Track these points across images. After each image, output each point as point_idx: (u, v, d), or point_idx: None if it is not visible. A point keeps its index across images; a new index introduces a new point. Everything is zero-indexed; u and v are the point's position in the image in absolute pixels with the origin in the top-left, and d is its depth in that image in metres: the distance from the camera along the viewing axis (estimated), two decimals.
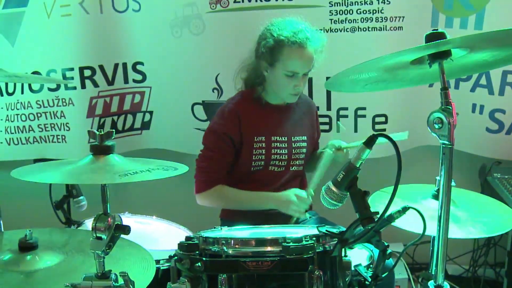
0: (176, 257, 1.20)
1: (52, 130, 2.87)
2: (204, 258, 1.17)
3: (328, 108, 2.65)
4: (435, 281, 1.27)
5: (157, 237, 1.93)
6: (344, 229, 1.28)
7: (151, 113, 2.92)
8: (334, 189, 1.27)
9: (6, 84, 2.90)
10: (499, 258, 2.76)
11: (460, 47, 1.24)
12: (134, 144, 2.92)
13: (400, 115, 2.67)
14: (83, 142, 2.76)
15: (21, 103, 2.86)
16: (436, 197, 1.60)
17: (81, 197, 1.89)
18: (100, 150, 1.13)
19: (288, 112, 2.11)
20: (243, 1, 2.54)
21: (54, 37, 2.73)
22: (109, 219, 1.02)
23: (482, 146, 2.68)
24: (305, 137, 2.13)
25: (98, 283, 1.04)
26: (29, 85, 2.83)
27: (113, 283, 1.05)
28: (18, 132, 2.92)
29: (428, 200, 1.63)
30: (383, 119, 2.64)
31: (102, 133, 1.14)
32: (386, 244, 1.31)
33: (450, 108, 1.15)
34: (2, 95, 2.90)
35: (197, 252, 1.18)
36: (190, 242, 1.18)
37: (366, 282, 1.29)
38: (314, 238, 1.19)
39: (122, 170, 1.07)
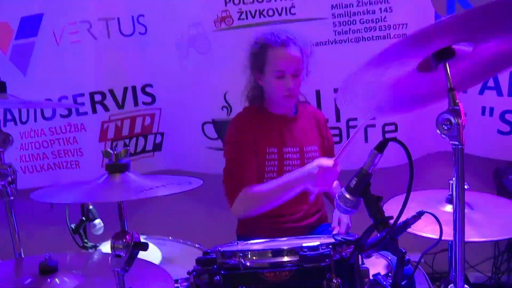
0: (194, 273, 1.20)
1: (65, 156, 2.90)
2: (222, 272, 1.17)
3: (338, 119, 2.66)
4: (455, 286, 1.26)
5: (174, 257, 1.93)
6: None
7: (162, 134, 2.95)
8: (348, 195, 1.27)
9: (20, 113, 2.95)
10: None
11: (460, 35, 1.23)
12: (147, 166, 2.93)
13: (410, 122, 2.67)
14: (96, 167, 2.80)
15: (35, 131, 2.90)
16: (450, 201, 1.59)
17: (98, 221, 1.90)
18: (115, 168, 1.14)
19: (296, 122, 2.13)
20: (247, 18, 2.58)
21: (64, 64, 2.78)
22: (127, 236, 1.03)
23: (494, 149, 2.66)
24: (316, 146, 2.14)
25: None
26: (42, 113, 2.88)
27: None
28: (33, 160, 2.96)
29: (443, 205, 1.63)
30: (393, 127, 2.65)
31: (117, 152, 1.16)
32: (404, 250, 1.31)
33: (458, 108, 1.15)
34: (16, 124, 2.95)
35: (215, 266, 1.18)
36: (208, 257, 1.18)
37: None
38: (331, 246, 1.19)
39: (138, 187, 1.08)
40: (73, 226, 1.87)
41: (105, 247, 1.86)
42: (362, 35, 2.56)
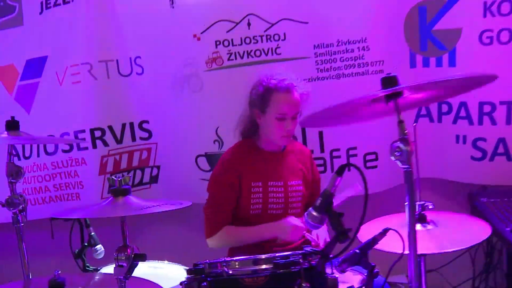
0: (186, 281, 1.37)
1: (66, 189, 3.06)
2: (208, 279, 1.35)
3: (322, 151, 2.85)
4: None
5: (171, 278, 2.09)
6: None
7: (158, 167, 3.12)
8: (314, 213, 1.47)
9: (23, 149, 3.14)
10: (500, 282, 2.87)
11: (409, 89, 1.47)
12: (144, 197, 3.05)
13: (385, 154, 2.86)
14: (96, 198, 2.96)
15: (37, 165, 3.08)
16: (419, 220, 1.77)
17: (99, 246, 2.06)
18: (119, 192, 1.32)
19: (282, 158, 2.31)
20: (236, 59, 2.80)
21: (66, 103, 2.97)
22: (128, 249, 1.20)
23: (468, 174, 2.84)
24: (300, 181, 2.31)
25: None
26: (45, 148, 3.05)
27: None
28: (35, 193, 3.12)
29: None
30: (373, 156, 2.84)
31: (120, 179, 1.35)
32: (373, 264, 1.48)
33: (407, 138, 1.38)
34: (19, 159, 3.12)
35: (203, 275, 1.36)
36: (197, 267, 1.36)
37: None
38: (300, 255, 1.37)
39: (137, 206, 1.26)
40: (76, 251, 2.02)
41: (106, 270, 2.01)
42: (342, 72, 2.78)
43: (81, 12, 2.94)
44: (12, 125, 1.95)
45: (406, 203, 1.41)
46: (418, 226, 1.77)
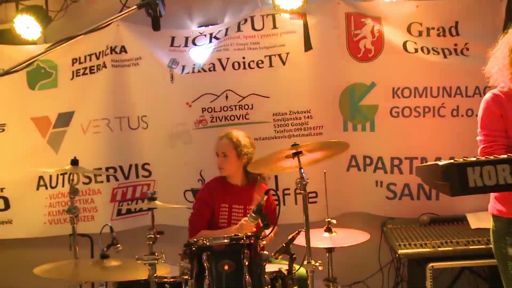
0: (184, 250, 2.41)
1: (83, 212, 4.01)
2: (195, 246, 2.38)
3: (277, 189, 3.86)
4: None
5: None
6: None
7: (155, 199, 4.09)
8: (253, 214, 2.52)
9: (51, 180, 4.08)
10: None
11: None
12: (145, 221, 4.00)
13: (324, 192, 3.87)
14: (107, 220, 3.91)
15: (62, 193, 4.03)
16: (327, 230, 2.82)
17: (118, 245, 2.98)
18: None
19: (244, 190, 3.30)
20: (216, 121, 3.84)
21: (88, 147, 3.95)
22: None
23: (384, 209, 3.85)
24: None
25: None
26: (69, 179, 4.01)
27: None
28: (58, 215, 4.07)
29: (323, 233, 2.85)
30: (314, 194, 3.84)
31: None
32: (293, 253, 2.50)
33: (305, 182, 2.42)
34: (46, 188, 4.08)
35: (192, 245, 2.38)
36: (189, 242, 2.40)
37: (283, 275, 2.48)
38: (245, 236, 2.39)
39: None
40: (104, 248, 2.93)
41: None
42: (292, 133, 3.82)
43: (103, 80, 3.99)
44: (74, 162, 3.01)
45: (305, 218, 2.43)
46: (326, 233, 2.83)
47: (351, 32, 3.83)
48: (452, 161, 1.43)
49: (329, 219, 2.87)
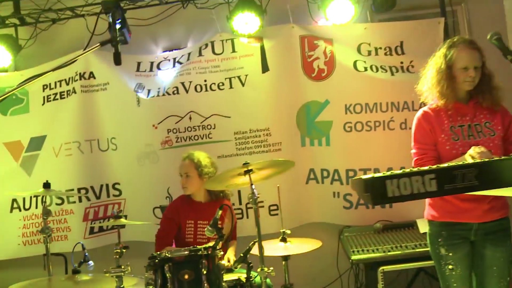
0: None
1: (57, 232, 4.18)
2: (157, 259, 2.60)
3: (240, 203, 4.11)
4: None
5: None
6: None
7: (126, 216, 4.27)
8: (210, 228, 2.74)
9: (24, 202, 4.24)
10: None
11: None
12: (115, 238, 4.19)
13: (287, 203, 4.11)
14: (80, 239, 4.07)
15: (36, 215, 4.19)
16: (281, 240, 3.06)
17: (90, 262, 3.17)
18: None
19: (209, 207, 3.51)
20: (181, 141, 4.08)
21: (59, 169, 4.14)
22: None
23: (341, 218, 4.10)
24: (221, 222, 3.55)
25: None
26: (42, 201, 4.17)
27: None
28: (32, 236, 4.22)
29: (278, 243, 3.08)
30: (276, 207, 4.08)
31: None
32: (250, 262, 2.73)
33: (256, 197, 2.66)
34: (20, 210, 4.24)
35: (155, 257, 2.61)
36: (153, 255, 2.61)
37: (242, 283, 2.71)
38: (203, 248, 2.63)
39: None
40: (76, 265, 3.12)
41: None
42: (253, 150, 4.07)
43: (73, 105, 4.19)
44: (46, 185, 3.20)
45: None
46: (282, 243, 3.06)
47: (305, 53, 4.11)
48: (373, 175, 1.69)
49: (283, 230, 3.11)
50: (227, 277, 2.84)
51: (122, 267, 2.48)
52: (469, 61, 2.64)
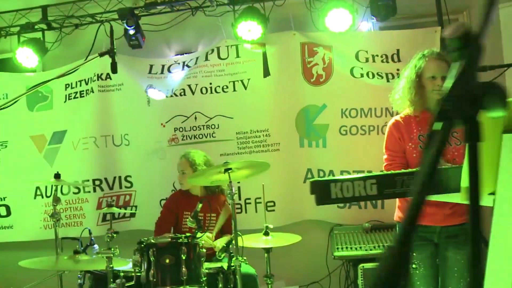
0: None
1: (73, 218, 4.59)
2: (143, 244, 2.90)
3: (239, 199, 4.39)
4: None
5: None
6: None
7: (136, 207, 4.63)
8: (191, 219, 3.03)
9: (46, 190, 4.67)
10: None
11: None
12: (126, 226, 4.54)
13: (284, 200, 4.37)
14: (93, 225, 4.46)
15: None
16: (264, 234, 3.32)
17: (95, 245, 3.53)
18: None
19: (207, 200, 3.84)
20: (187, 139, 4.39)
21: (78, 161, 4.54)
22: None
23: (334, 217, 4.29)
24: (216, 215, 3.85)
25: None
26: (61, 190, 4.59)
27: None
28: (51, 220, 4.63)
29: (261, 236, 3.34)
30: (273, 203, 4.35)
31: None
32: (231, 252, 3.01)
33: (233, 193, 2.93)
34: (42, 197, 4.66)
35: (144, 244, 2.90)
36: (141, 241, 2.92)
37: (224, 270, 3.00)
38: (184, 236, 2.91)
39: None
40: (81, 247, 3.48)
41: None
42: (253, 150, 4.34)
43: (91, 103, 4.57)
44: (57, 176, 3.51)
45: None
46: (264, 237, 3.32)
47: (305, 59, 4.34)
48: (319, 178, 1.97)
49: (266, 225, 3.36)
50: (211, 265, 3.12)
51: (112, 249, 2.80)
52: (437, 70, 2.82)
